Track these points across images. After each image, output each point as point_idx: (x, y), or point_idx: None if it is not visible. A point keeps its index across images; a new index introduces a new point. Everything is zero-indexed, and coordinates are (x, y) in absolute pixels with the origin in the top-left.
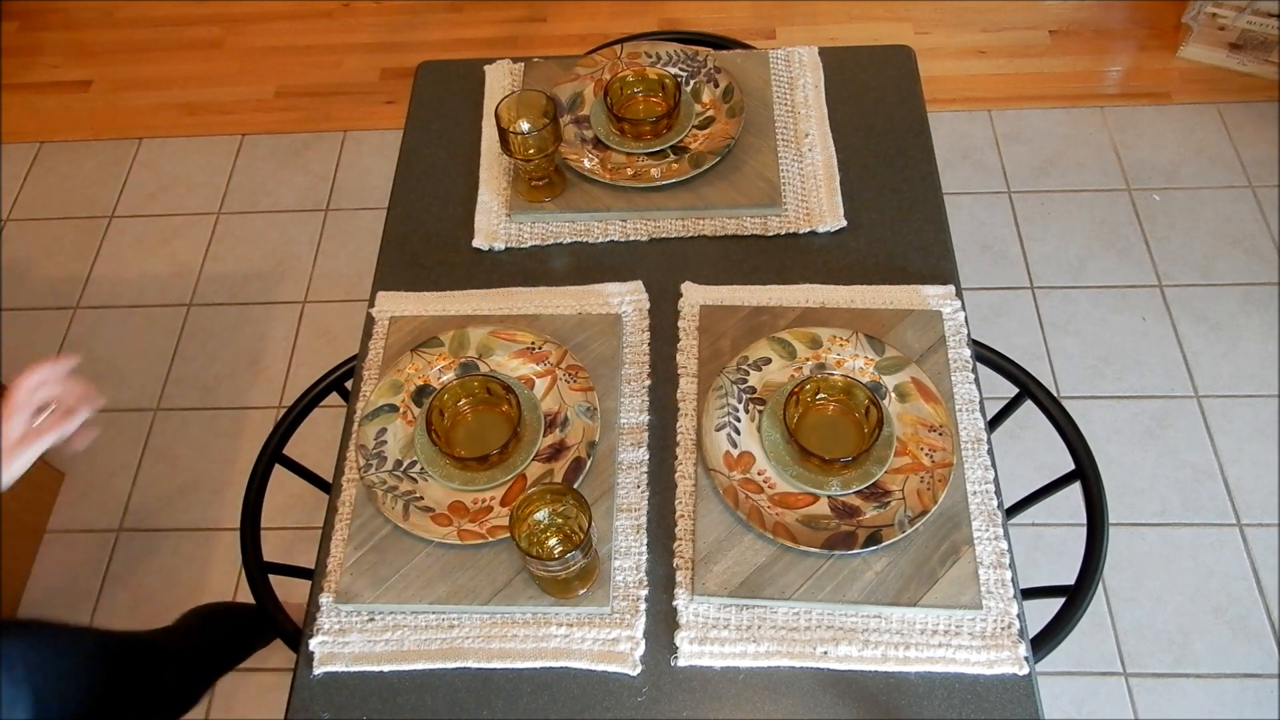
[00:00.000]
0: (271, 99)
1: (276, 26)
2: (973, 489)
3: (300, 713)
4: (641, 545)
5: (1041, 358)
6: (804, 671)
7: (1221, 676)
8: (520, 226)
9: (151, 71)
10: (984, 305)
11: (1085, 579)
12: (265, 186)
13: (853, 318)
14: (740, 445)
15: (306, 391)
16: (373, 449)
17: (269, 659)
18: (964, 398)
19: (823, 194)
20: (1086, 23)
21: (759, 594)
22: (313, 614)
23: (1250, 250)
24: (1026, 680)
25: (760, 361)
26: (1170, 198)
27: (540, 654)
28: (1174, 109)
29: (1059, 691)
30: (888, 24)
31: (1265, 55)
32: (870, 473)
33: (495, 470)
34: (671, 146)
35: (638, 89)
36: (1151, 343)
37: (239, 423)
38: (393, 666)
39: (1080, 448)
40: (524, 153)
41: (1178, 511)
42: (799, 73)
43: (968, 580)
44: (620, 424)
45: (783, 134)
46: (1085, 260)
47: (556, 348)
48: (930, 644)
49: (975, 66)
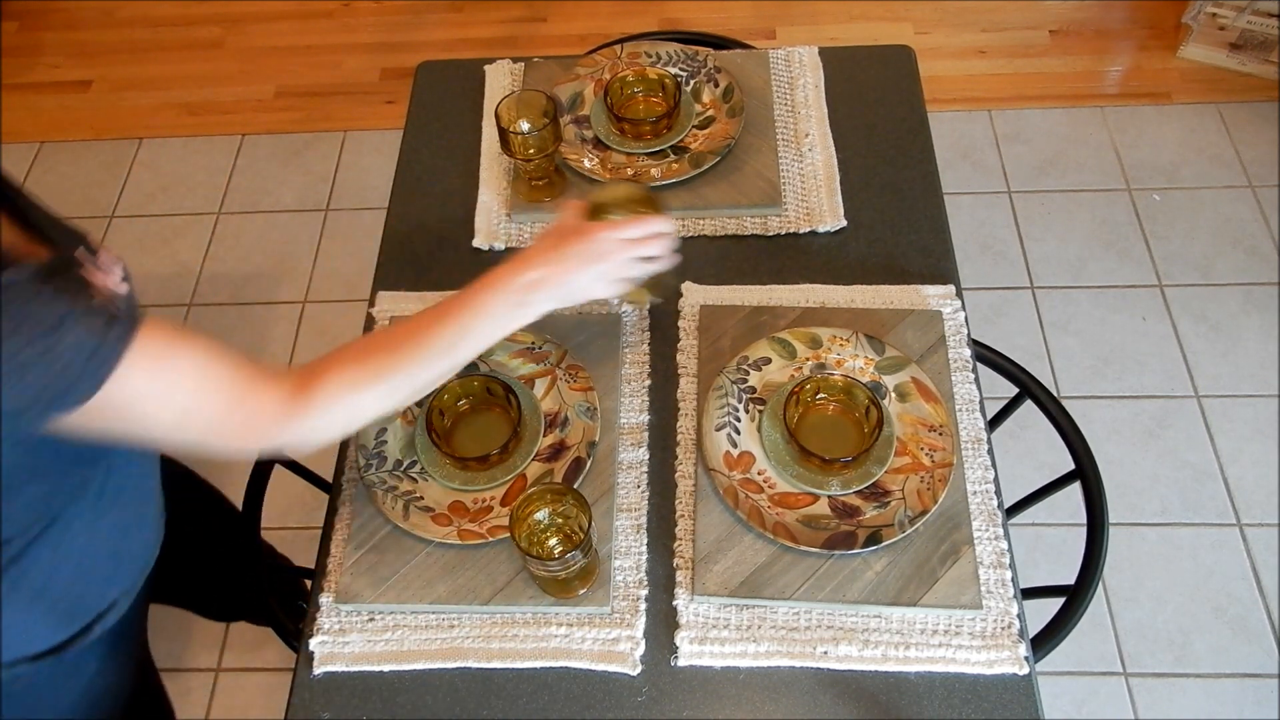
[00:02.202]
0: (271, 99)
1: (276, 26)
2: (973, 489)
3: (300, 713)
4: (641, 545)
5: (1041, 358)
6: (804, 671)
7: (1221, 676)
8: (520, 226)
9: (151, 71)
10: (984, 305)
11: (1085, 579)
12: (265, 186)
13: (853, 318)
14: (740, 445)
15: None
16: (373, 449)
17: (269, 659)
18: (964, 398)
19: (823, 194)
20: (1086, 23)
21: (759, 594)
22: (313, 614)
23: (1250, 250)
24: (1026, 680)
25: (760, 361)
26: (1170, 198)
27: (540, 654)
28: (1174, 109)
29: (1059, 691)
30: (888, 24)
31: (1265, 55)
32: (870, 473)
33: (495, 470)
34: (671, 146)
35: (638, 89)
36: (1151, 343)
37: None
38: (393, 666)
39: (1080, 448)
40: (524, 153)
41: (1178, 511)
42: (799, 73)
43: (968, 580)
44: (620, 424)
45: (783, 134)
46: (1085, 260)
47: (556, 348)
48: (930, 644)
49: (975, 66)
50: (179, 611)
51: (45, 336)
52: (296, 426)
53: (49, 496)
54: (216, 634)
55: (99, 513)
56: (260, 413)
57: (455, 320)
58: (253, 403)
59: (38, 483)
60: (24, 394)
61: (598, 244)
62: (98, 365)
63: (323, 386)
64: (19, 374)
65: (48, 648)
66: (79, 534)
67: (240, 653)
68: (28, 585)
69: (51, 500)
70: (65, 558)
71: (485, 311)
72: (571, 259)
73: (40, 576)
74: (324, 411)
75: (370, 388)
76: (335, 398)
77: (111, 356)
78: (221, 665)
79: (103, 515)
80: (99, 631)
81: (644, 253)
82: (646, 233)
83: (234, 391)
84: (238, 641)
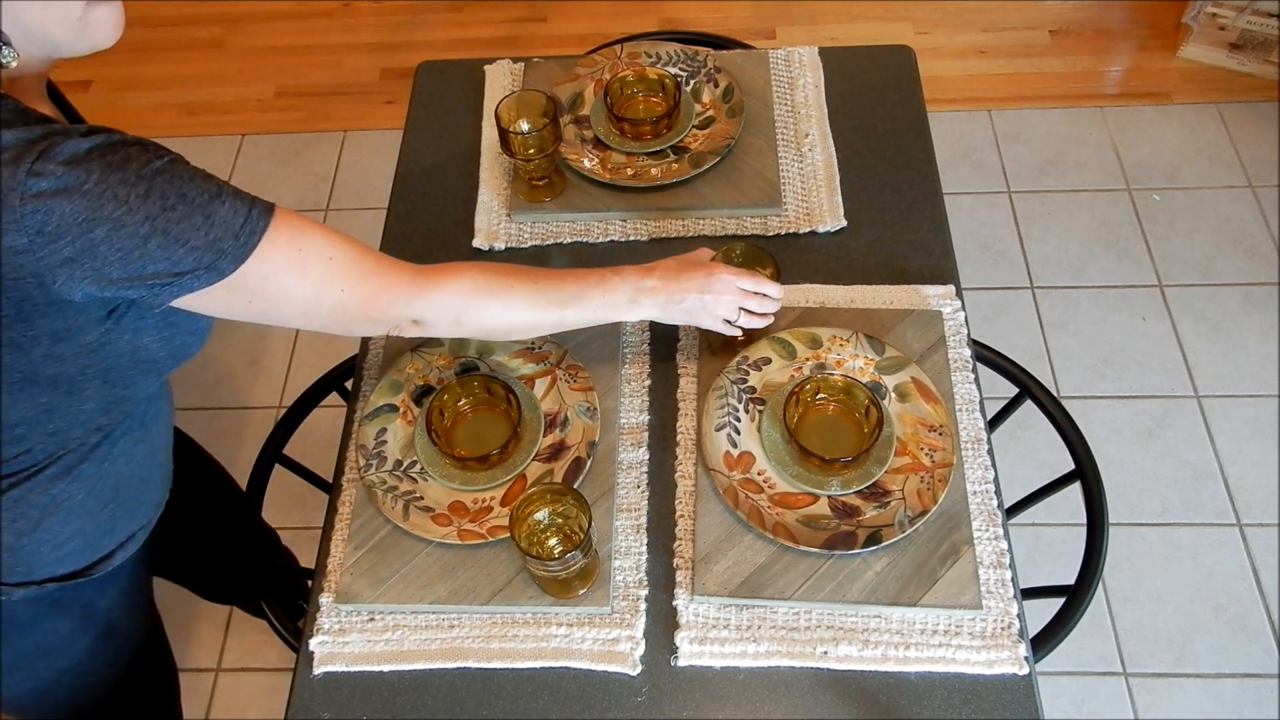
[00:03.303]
0: (271, 99)
1: (276, 26)
2: (973, 489)
3: (300, 713)
4: (641, 545)
5: (1041, 358)
6: (804, 671)
7: (1221, 676)
8: (520, 226)
9: (151, 71)
10: (984, 305)
11: (1085, 579)
12: (265, 186)
13: (853, 318)
14: (740, 445)
15: (306, 391)
16: (373, 449)
17: (269, 659)
18: (964, 398)
19: (823, 194)
20: (1086, 23)
21: (759, 594)
22: (313, 614)
23: (1250, 250)
24: (1026, 680)
25: (760, 361)
26: (1170, 198)
27: (540, 654)
28: (1174, 109)
29: (1059, 691)
30: (888, 24)
31: (1265, 55)
32: (870, 473)
33: (495, 470)
34: (671, 146)
35: (638, 89)
36: (1151, 343)
37: (239, 423)
38: (393, 666)
39: (1080, 448)
40: (524, 153)
41: (1178, 511)
42: (799, 73)
43: (968, 580)
44: (620, 424)
45: (783, 134)
46: (1085, 260)
47: (556, 348)
48: (930, 644)
49: (975, 66)
50: (179, 611)
51: (203, 209)
52: (412, 308)
53: (110, 407)
54: (217, 634)
55: (139, 438)
56: (386, 288)
57: (578, 285)
58: (378, 282)
59: (105, 388)
60: (183, 261)
61: (715, 281)
62: (246, 239)
63: (446, 280)
64: (181, 240)
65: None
66: (120, 456)
67: (240, 653)
68: (70, 502)
69: (109, 412)
70: (107, 476)
71: (604, 290)
72: (687, 282)
73: (82, 494)
74: (439, 303)
75: (484, 299)
76: (451, 294)
77: (258, 231)
78: (221, 665)
79: (141, 441)
80: (120, 559)
81: (750, 305)
82: (758, 288)
83: (360, 271)
84: (238, 641)
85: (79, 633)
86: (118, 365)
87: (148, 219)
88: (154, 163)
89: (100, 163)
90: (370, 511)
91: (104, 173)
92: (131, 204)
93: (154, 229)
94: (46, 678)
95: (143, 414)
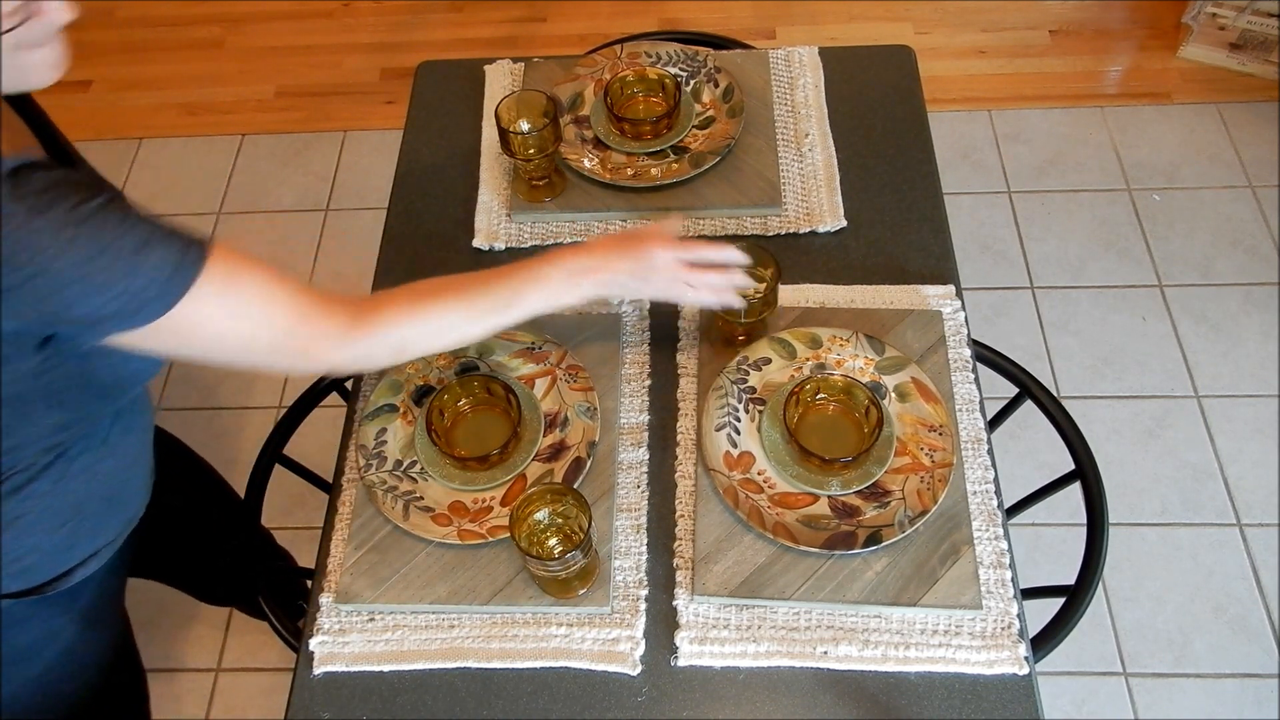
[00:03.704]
0: (271, 99)
1: (276, 26)
2: (973, 489)
3: (300, 713)
4: (641, 545)
5: (1041, 358)
6: (804, 671)
7: (1221, 676)
8: (520, 226)
9: (151, 71)
10: (984, 305)
11: (1085, 579)
12: (265, 186)
13: (853, 318)
14: (740, 445)
15: (306, 392)
16: (373, 449)
17: (269, 659)
18: (964, 398)
19: (823, 194)
20: (1086, 23)
21: (759, 594)
22: (313, 614)
23: (1250, 250)
24: (1026, 680)
25: (760, 361)
26: (1170, 198)
27: (540, 654)
28: (1174, 109)
29: (1059, 691)
30: (888, 24)
31: (1265, 55)
32: (870, 473)
33: (495, 470)
34: (671, 146)
35: (638, 89)
36: (1151, 343)
37: (239, 423)
38: (393, 666)
39: (1080, 448)
40: (524, 153)
41: (1178, 511)
42: (799, 73)
43: (968, 580)
44: (620, 424)
45: (783, 134)
46: (1085, 260)
47: (556, 348)
48: (930, 644)
49: (975, 66)
50: (178, 611)
51: (129, 257)
52: (351, 350)
53: (63, 427)
54: (217, 634)
55: (101, 455)
56: (320, 335)
57: (511, 282)
58: (313, 325)
59: (55, 410)
60: (105, 308)
61: (650, 256)
62: (174, 286)
63: (378, 317)
64: (103, 289)
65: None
66: (79, 474)
67: (240, 653)
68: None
69: (63, 432)
70: (64, 494)
71: (539, 284)
72: (622, 260)
73: (36, 511)
74: (376, 340)
75: (420, 325)
76: (388, 329)
77: (186, 278)
78: (221, 665)
79: (104, 459)
80: (81, 576)
81: (695, 279)
82: (701, 259)
83: (297, 314)
84: (238, 641)
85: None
86: (67, 389)
87: (71, 265)
88: (82, 206)
89: (25, 204)
90: (370, 511)
91: (28, 216)
92: (54, 250)
93: (75, 275)
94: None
95: (106, 432)
